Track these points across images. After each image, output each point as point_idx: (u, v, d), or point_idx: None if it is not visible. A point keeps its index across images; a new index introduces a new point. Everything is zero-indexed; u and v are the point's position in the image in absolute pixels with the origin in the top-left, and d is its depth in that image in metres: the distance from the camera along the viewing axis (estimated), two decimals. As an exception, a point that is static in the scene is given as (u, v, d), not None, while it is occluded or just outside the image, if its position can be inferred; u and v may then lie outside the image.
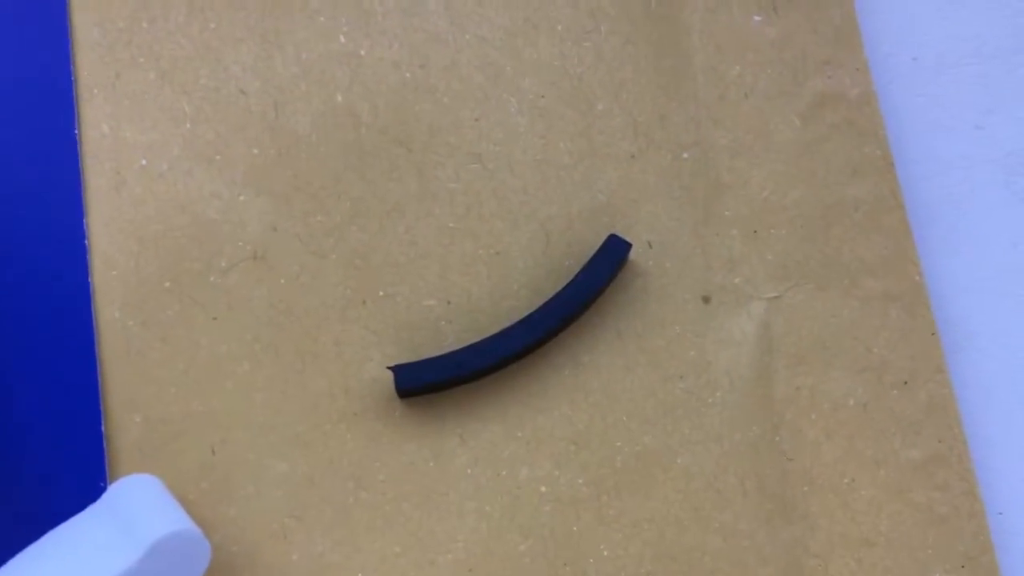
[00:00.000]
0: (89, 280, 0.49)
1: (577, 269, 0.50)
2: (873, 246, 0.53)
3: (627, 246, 0.50)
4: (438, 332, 0.50)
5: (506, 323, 0.50)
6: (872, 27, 0.56)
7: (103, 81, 0.52)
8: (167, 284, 0.50)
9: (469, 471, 0.49)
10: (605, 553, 0.48)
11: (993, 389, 0.52)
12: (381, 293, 0.50)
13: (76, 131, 0.51)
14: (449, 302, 0.50)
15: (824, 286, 0.52)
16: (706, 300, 0.52)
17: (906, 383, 0.51)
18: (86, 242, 0.50)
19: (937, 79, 0.57)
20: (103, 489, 0.47)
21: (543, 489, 0.49)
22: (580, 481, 0.49)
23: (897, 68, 0.57)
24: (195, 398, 0.49)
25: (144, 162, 0.51)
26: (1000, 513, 0.51)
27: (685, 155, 0.53)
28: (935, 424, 0.50)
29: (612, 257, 0.50)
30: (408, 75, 0.53)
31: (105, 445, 0.47)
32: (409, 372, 0.48)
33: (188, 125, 0.51)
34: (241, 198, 0.51)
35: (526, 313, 0.49)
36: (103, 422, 0.48)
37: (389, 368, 0.48)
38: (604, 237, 0.51)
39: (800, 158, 0.54)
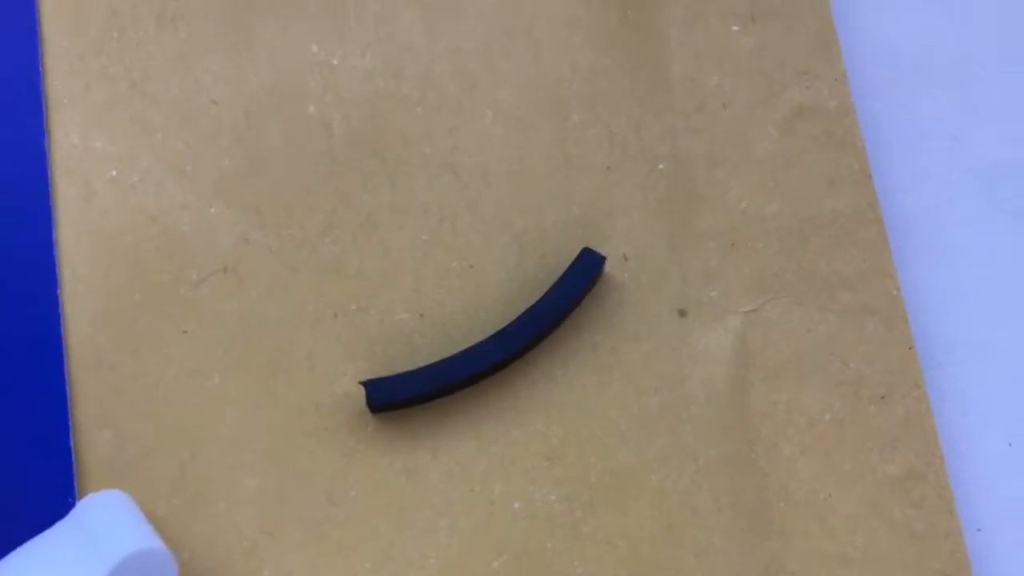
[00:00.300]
0: (58, 293, 0.49)
1: (551, 282, 0.50)
2: (850, 259, 0.52)
3: (601, 260, 0.50)
4: (411, 346, 0.50)
5: (480, 337, 0.49)
6: (850, 38, 0.56)
7: (73, 91, 0.51)
8: (137, 297, 0.49)
9: (442, 487, 0.48)
10: (579, 570, 0.48)
11: (971, 404, 0.52)
12: (353, 307, 0.50)
13: (45, 141, 0.50)
14: (422, 315, 0.50)
15: (801, 300, 0.52)
16: (682, 314, 0.51)
17: (883, 398, 0.51)
18: (55, 254, 0.49)
19: (915, 90, 0.57)
20: (71, 505, 0.46)
21: (516, 505, 0.48)
22: (554, 497, 0.49)
23: (875, 79, 0.56)
24: (165, 413, 0.48)
25: (114, 173, 0.50)
26: (978, 530, 0.50)
27: (661, 166, 0.53)
28: (912, 440, 0.50)
29: (586, 271, 0.50)
30: (381, 85, 0.53)
31: (74, 460, 0.47)
32: (381, 387, 0.48)
33: (158, 136, 0.51)
34: (212, 210, 0.50)
35: (500, 327, 0.49)
36: (72, 437, 0.47)
37: (361, 383, 0.48)
38: (579, 250, 0.50)
39: (778, 170, 0.53)
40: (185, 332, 0.49)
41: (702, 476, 0.49)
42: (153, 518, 0.46)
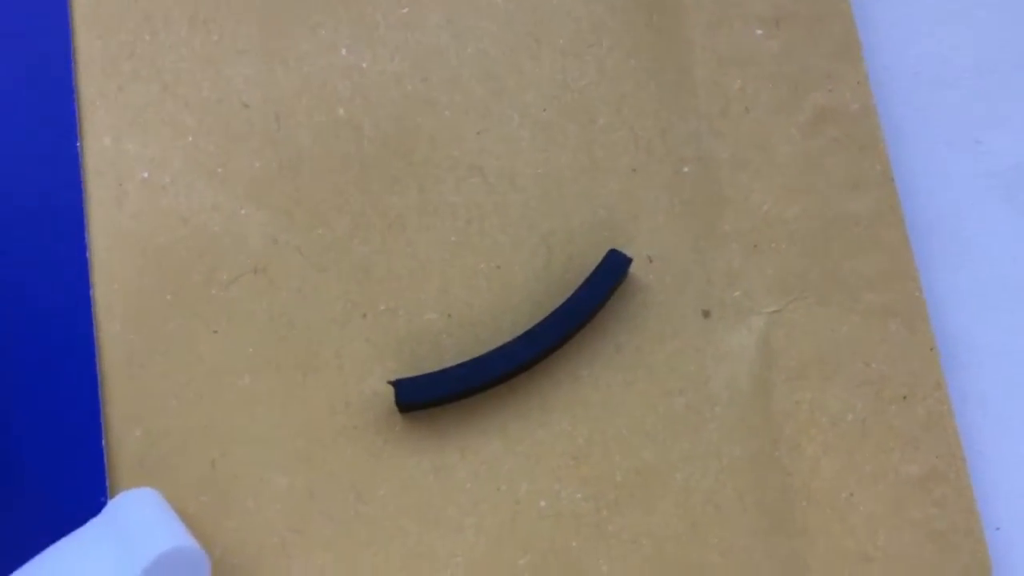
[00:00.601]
0: (90, 293, 0.49)
1: (578, 283, 0.50)
2: (873, 261, 0.53)
3: (627, 261, 0.50)
4: (439, 346, 0.50)
5: (507, 337, 0.50)
6: (873, 41, 0.57)
7: (105, 94, 0.52)
8: (168, 297, 0.50)
9: (469, 486, 0.49)
10: (604, 568, 0.48)
11: (991, 404, 0.52)
12: (382, 307, 0.50)
13: (78, 144, 0.51)
14: (450, 316, 0.50)
15: (824, 301, 0.52)
16: (706, 314, 0.52)
17: (905, 398, 0.51)
18: (87, 255, 0.49)
19: (938, 93, 0.57)
20: (104, 503, 0.47)
21: (542, 504, 0.49)
22: (579, 496, 0.49)
23: (897, 82, 0.57)
24: (195, 411, 0.49)
25: (146, 175, 0.51)
26: (998, 528, 0.51)
27: (686, 169, 0.53)
28: (933, 440, 0.51)
29: (612, 272, 0.50)
30: (410, 88, 0.53)
31: (106, 459, 0.47)
32: (409, 386, 0.48)
33: (190, 138, 0.51)
34: (242, 211, 0.51)
35: (527, 327, 0.49)
36: (104, 435, 0.48)
37: (390, 382, 0.48)
38: (605, 251, 0.51)
39: (801, 172, 0.54)
40: (216, 332, 0.49)
41: (726, 475, 0.50)
42: (183, 516, 0.47)
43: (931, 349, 0.52)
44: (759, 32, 0.55)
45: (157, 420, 0.48)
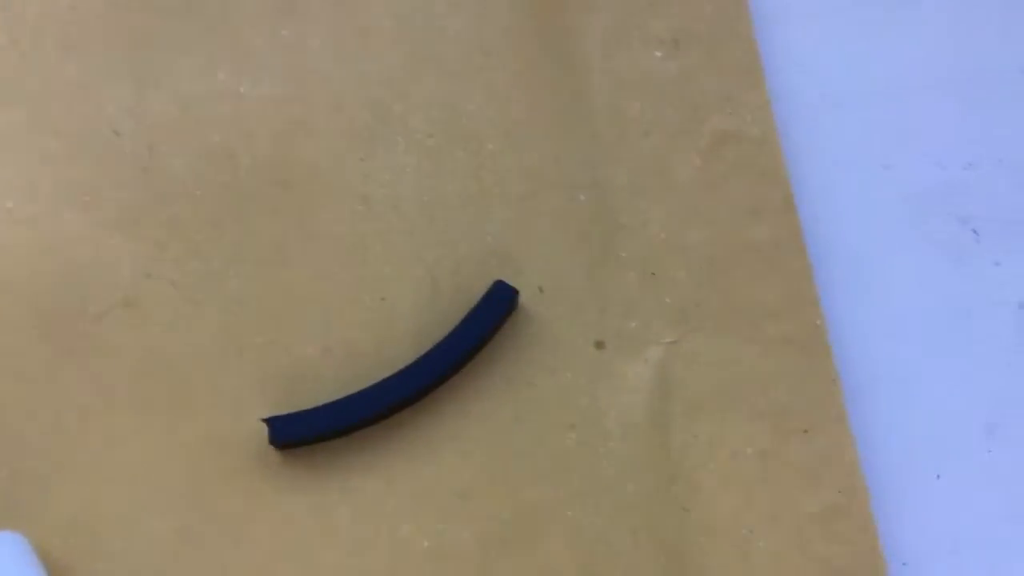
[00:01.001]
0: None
1: (464, 315, 0.49)
2: (773, 289, 0.51)
3: (514, 292, 0.49)
4: (318, 381, 0.48)
5: (390, 372, 0.48)
6: (776, 63, 0.55)
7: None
8: (35, 331, 0.48)
9: (350, 526, 0.47)
10: (490, 611, 0.47)
11: (896, 437, 0.51)
12: (259, 340, 0.49)
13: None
14: (330, 349, 0.49)
15: (723, 330, 0.51)
16: (600, 345, 0.50)
17: (806, 431, 0.50)
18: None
19: (844, 117, 0.56)
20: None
21: (426, 544, 0.47)
22: (466, 536, 0.47)
23: (801, 105, 0.55)
24: (63, 451, 0.47)
25: (10, 204, 0.49)
26: (904, 564, 0.49)
27: (582, 196, 0.52)
28: (834, 473, 0.49)
29: (499, 303, 0.49)
30: (290, 114, 0.52)
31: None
32: (285, 424, 0.46)
33: (58, 166, 0.50)
34: (113, 242, 0.49)
35: (411, 361, 0.48)
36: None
37: (263, 420, 0.47)
38: (493, 281, 0.49)
39: (700, 198, 0.52)
40: (85, 368, 0.48)
41: (619, 513, 0.48)
42: (49, 560, 0.45)
43: (832, 380, 0.50)
44: (658, 54, 0.54)
45: (23, 460, 0.46)
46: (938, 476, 0.51)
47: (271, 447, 0.47)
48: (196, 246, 0.49)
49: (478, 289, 0.50)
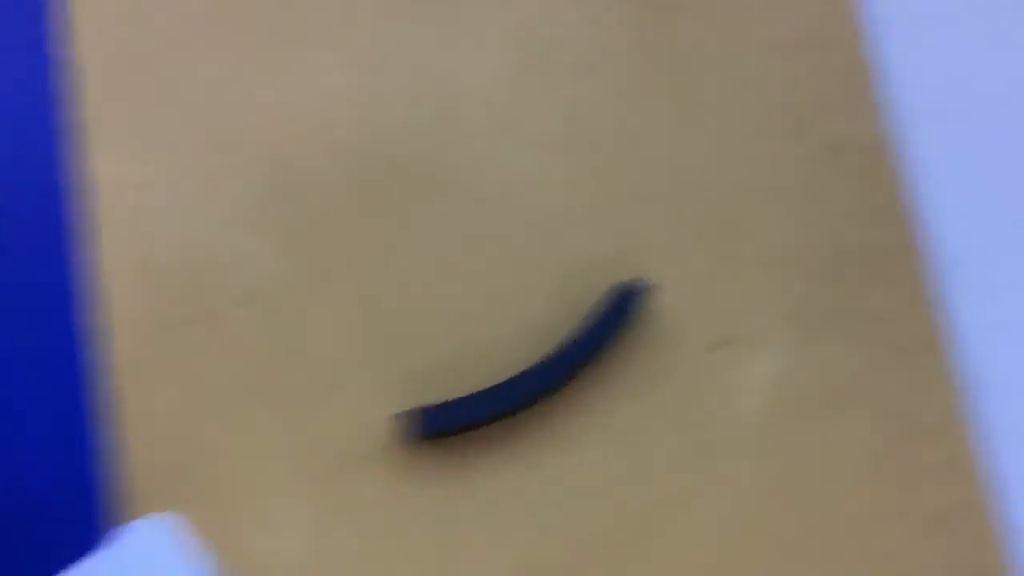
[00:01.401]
0: (92, 320, 0.49)
1: (587, 315, 0.49)
2: (888, 294, 0.52)
3: (638, 293, 0.49)
4: (445, 378, 0.49)
5: (515, 370, 0.49)
6: (894, 70, 0.56)
7: (107, 114, 0.51)
8: (174, 324, 0.49)
9: (478, 518, 0.48)
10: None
11: (1012, 439, 0.51)
12: (386, 338, 0.50)
13: (77, 166, 0.50)
14: (457, 347, 0.50)
15: (839, 333, 0.51)
16: (718, 347, 0.51)
17: (922, 433, 0.50)
18: (90, 281, 0.49)
19: (964, 123, 0.56)
20: (105, 534, 0.46)
21: (553, 536, 0.48)
22: (590, 530, 0.48)
23: (921, 111, 0.55)
24: (200, 439, 0.48)
25: (149, 199, 0.50)
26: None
27: (699, 200, 0.52)
28: (954, 475, 0.49)
29: (622, 304, 0.49)
30: (416, 115, 0.53)
31: (109, 487, 0.47)
32: (419, 417, 0.47)
33: (192, 162, 0.51)
34: (247, 238, 0.50)
35: (535, 361, 0.49)
36: (107, 464, 0.47)
37: (397, 413, 0.48)
38: (615, 282, 0.50)
39: (815, 203, 0.53)
40: (219, 359, 0.49)
41: (737, 508, 0.49)
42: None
43: (949, 383, 0.51)
44: (772, 59, 0.55)
45: (161, 448, 0.48)
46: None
47: (397, 441, 0.48)
48: (328, 243, 0.50)
49: (600, 290, 0.50)
